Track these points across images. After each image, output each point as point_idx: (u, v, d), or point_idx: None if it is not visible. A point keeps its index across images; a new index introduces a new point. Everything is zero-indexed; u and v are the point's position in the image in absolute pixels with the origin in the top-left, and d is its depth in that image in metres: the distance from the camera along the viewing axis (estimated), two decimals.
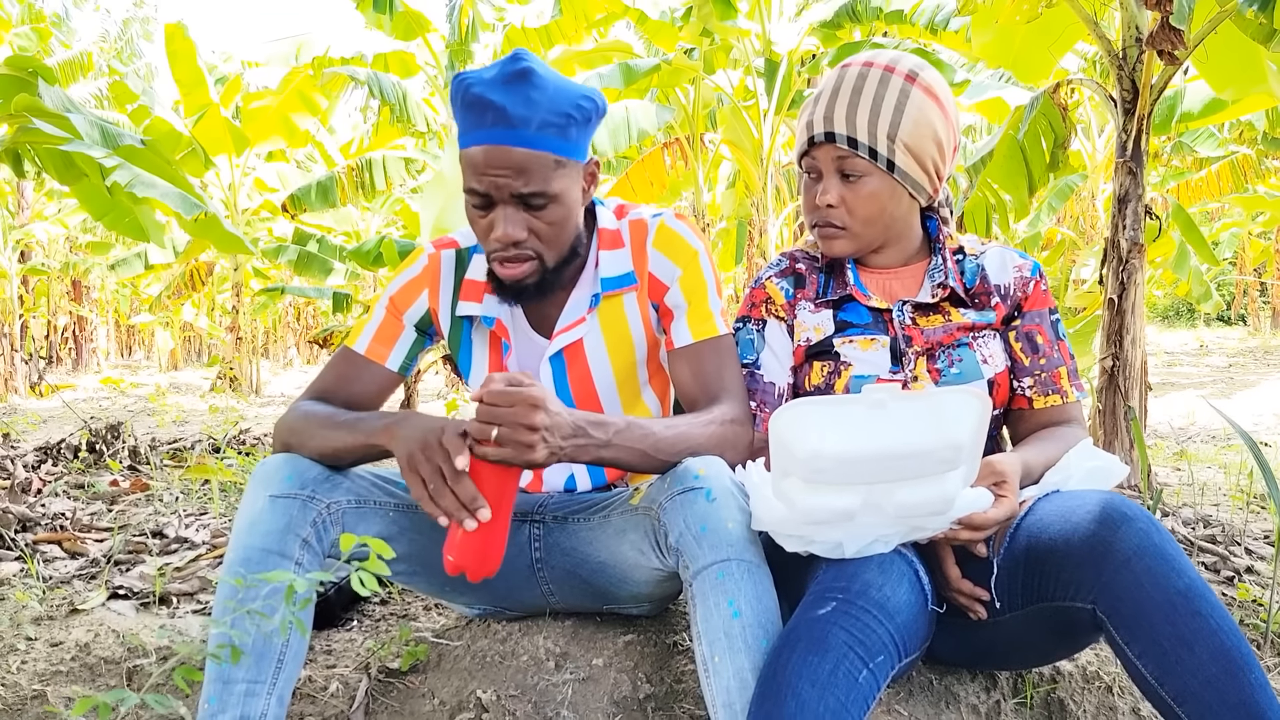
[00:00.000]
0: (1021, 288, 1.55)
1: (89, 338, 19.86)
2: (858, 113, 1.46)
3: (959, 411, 1.15)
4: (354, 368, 1.57)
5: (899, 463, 1.14)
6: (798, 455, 1.14)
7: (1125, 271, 2.76)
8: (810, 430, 1.14)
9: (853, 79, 1.48)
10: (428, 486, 1.23)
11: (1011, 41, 3.63)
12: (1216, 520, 2.39)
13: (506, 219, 1.40)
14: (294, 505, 1.37)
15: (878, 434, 1.13)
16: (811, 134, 1.50)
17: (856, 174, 1.48)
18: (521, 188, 1.37)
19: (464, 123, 1.39)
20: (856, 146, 1.46)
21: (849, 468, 1.14)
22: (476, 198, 1.40)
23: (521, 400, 1.23)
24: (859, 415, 1.15)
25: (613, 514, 1.50)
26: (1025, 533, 1.31)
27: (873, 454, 1.13)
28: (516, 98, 1.36)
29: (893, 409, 1.14)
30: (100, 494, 2.86)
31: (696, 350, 1.53)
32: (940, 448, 1.13)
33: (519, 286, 1.47)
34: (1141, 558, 1.17)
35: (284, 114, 10.19)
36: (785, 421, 1.16)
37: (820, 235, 1.54)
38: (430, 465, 1.23)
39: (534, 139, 1.37)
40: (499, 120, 1.35)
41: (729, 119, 8.06)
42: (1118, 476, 1.38)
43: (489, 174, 1.37)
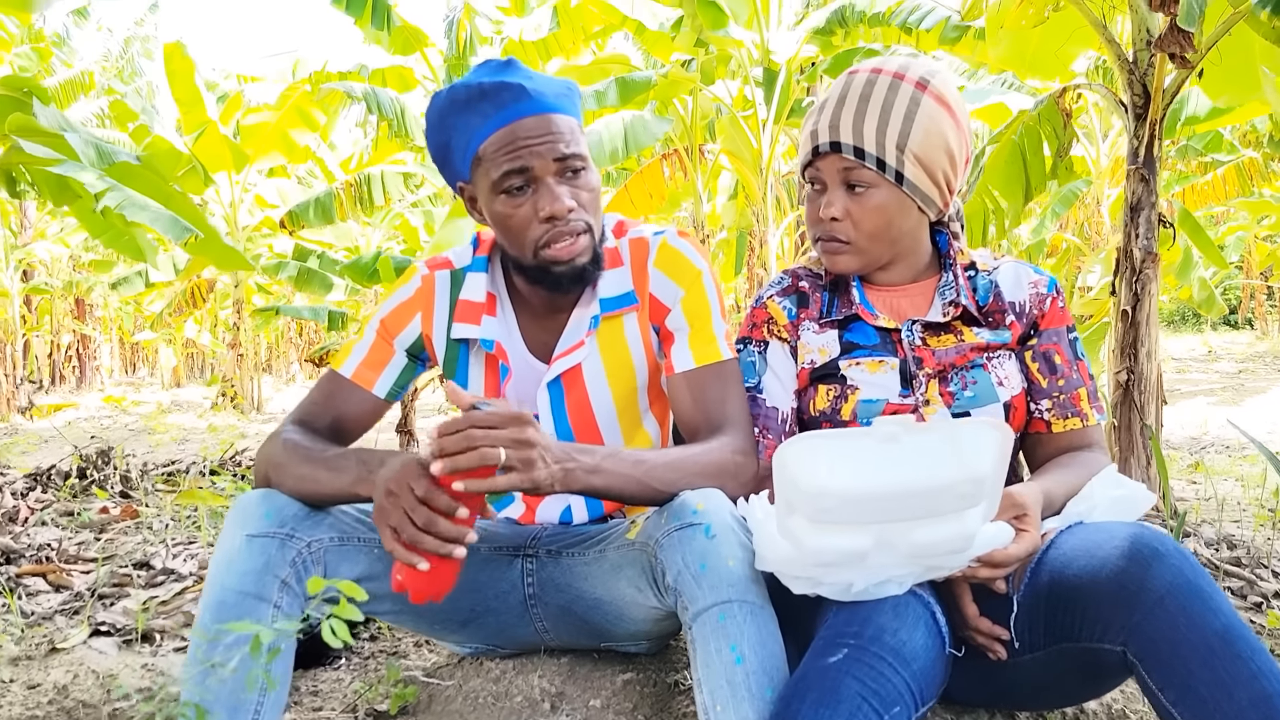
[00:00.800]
0: (1038, 305, 1.47)
1: (93, 355, 19.83)
2: (865, 121, 1.38)
3: (978, 444, 1.07)
4: (340, 391, 1.50)
5: (914, 500, 1.06)
6: (804, 492, 1.06)
7: (1139, 282, 2.68)
8: (817, 466, 1.06)
9: (860, 86, 1.40)
10: (400, 536, 1.15)
11: (1025, 46, 3.56)
12: (1240, 540, 2.30)
13: (552, 191, 1.36)
14: (272, 545, 1.29)
15: (890, 470, 1.05)
16: (816, 144, 1.42)
17: (863, 185, 1.40)
18: (565, 149, 1.35)
19: (477, 115, 1.35)
20: (863, 157, 1.39)
21: (859, 506, 1.06)
22: (517, 178, 1.35)
23: (514, 418, 1.15)
24: (870, 450, 1.07)
25: (609, 548, 1.43)
26: (1048, 569, 1.22)
27: (885, 492, 1.05)
28: (523, 76, 1.36)
29: (906, 443, 1.07)
30: (89, 522, 2.78)
31: (698, 376, 1.45)
32: (958, 483, 1.05)
33: (577, 267, 1.40)
34: (1176, 596, 1.09)
35: (283, 130, 10.16)
36: (791, 456, 1.08)
37: (824, 250, 1.46)
38: (398, 511, 1.16)
39: (556, 105, 1.37)
40: (520, 96, 1.34)
41: (728, 129, 8.00)
42: (1144, 506, 1.30)
43: (530, 145, 1.34)
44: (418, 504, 1.15)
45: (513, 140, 1.34)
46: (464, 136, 1.37)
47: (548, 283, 1.42)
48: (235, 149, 10.30)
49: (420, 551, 1.15)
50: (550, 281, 1.42)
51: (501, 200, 1.37)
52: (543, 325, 1.53)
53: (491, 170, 1.36)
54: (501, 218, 1.38)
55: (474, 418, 1.14)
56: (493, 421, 1.14)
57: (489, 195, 1.38)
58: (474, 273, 1.53)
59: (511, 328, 1.54)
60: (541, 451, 1.17)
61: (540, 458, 1.17)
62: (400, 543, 1.15)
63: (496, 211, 1.39)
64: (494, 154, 1.35)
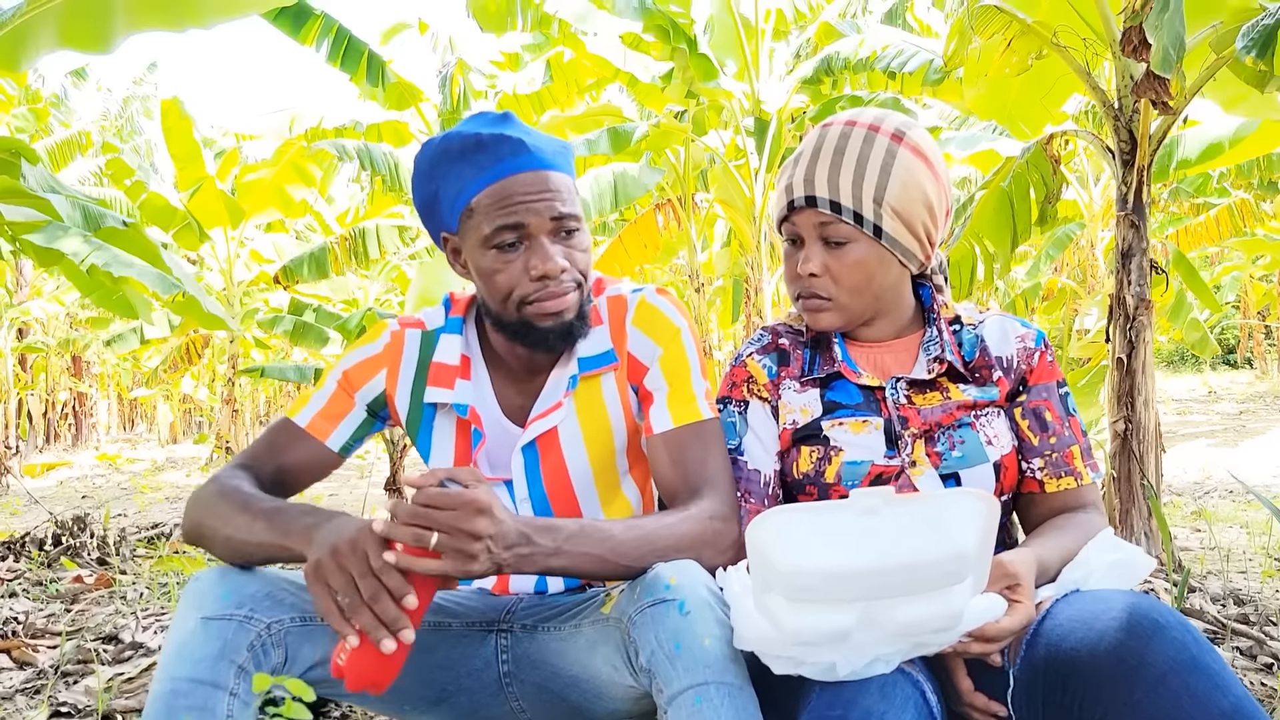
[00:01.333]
0: (1026, 360, 1.42)
1: (89, 413, 19.77)
2: (840, 175, 1.34)
3: (963, 516, 1.01)
4: (291, 441, 1.43)
5: (896, 577, 1.00)
6: (779, 571, 1.00)
7: (1133, 329, 2.63)
8: (791, 542, 1.00)
9: (834, 139, 1.37)
10: (339, 602, 1.09)
11: (1006, 94, 3.56)
12: (1247, 595, 2.23)
13: (546, 250, 1.31)
14: (229, 627, 1.22)
15: (871, 545, 0.99)
16: (791, 198, 1.38)
17: (841, 240, 1.36)
18: (561, 208, 1.32)
19: (472, 167, 1.31)
20: (840, 211, 1.34)
21: (838, 584, 1.00)
22: (510, 234, 1.31)
23: (466, 504, 1.09)
24: (848, 523, 1.01)
25: (584, 623, 1.35)
26: (1044, 641, 1.15)
27: (865, 569, 0.99)
28: (521, 131, 1.33)
29: (886, 515, 1.01)
30: (61, 593, 2.70)
31: (677, 436, 1.39)
32: (942, 560, 0.99)
33: (565, 323, 1.35)
34: (1179, 673, 1.02)
35: (279, 185, 10.22)
36: (764, 533, 1.02)
37: (804, 307, 1.41)
38: (342, 575, 1.09)
39: (553, 163, 1.34)
40: (519, 149, 1.31)
41: (720, 178, 8.03)
42: (1143, 571, 1.23)
43: (527, 201, 1.30)
44: (368, 573, 1.09)
45: (509, 195, 1.30)
46: (455, 186, 1.33)
47: (531, 339, 1.37)
48: (231, 204, 10.35)
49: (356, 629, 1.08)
50: (535, 338, 1.37)
51: (492, 255, 1.33)
52: (519, 388, 1.48)
53: (484, 224, 1.31)
54: (489, 272, 1.34)
55: (428, 495, 1.09)
56: (441, 502, 1.08)
57: (478, 249, 1.34)
58: (448, 334, 1.48)
59: (485, 392, 1.49)
60: (488, 542, 1.11)
61: (485, 549, 1.10)
62: (336, 609, 1.08)
63: (484, 266, 1.34)
64: (487, 207, 1.31)
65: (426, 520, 1.08)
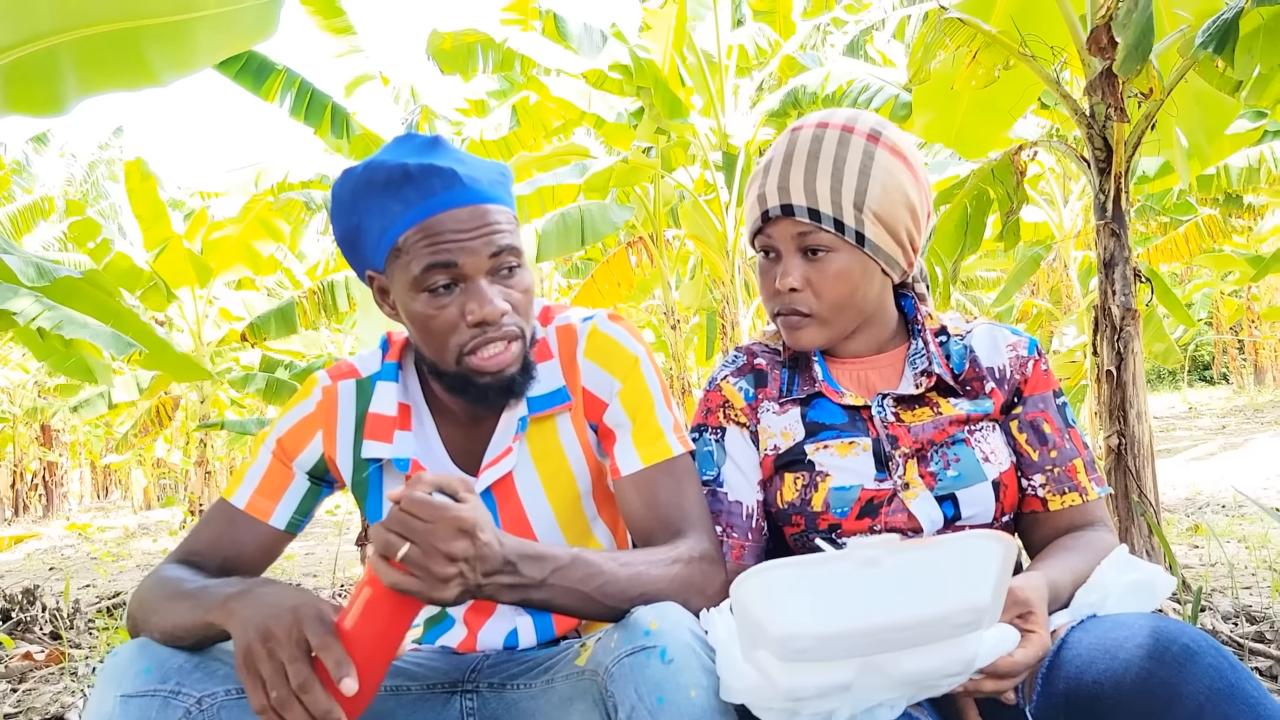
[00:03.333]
0: (1019, 369, 1.32)
1: (59, 482, 19.38)
2: (817, 180, 1.24)
3: (977, 562, 0.89)
4: (231, 526, 1.30)
5: (902, 633, 0.88)
6: (770, 635, 0.88)
7: (1121, 340, 2.55)
8: (783, 603, 0.88)
9: (807, 142, 1.26)
10: (269, 695, 0.96)
11: (954, 118, 3.50)
12: (1260, 612, 2.12)
13: (483, 293, 1.18)
14: (152, 705, 1.08)
15: (873, 601, 0.87)
16: (765, 208, 1.27)
17: (822, 250, 1.25)
18: (500, 241, 1.18)
19: (398, 202, 1.18)
20: (819, 219, 1.24)
21: (836, 644, 0.88)
22: (442, 275, 1.17)
23: (447, 520, 0.97)
24: (846, 578, 0.89)
25: (557, 678, 1.23)
26: (1063, 674, 1.04)
27: (867, 628, 0.87)
28: (452, 159, 1.20)
29: (889, 566, 0.88)
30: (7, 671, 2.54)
31: (648, 477, 1.27)
32: (956, 612, 0.87)
33: (506, 379, 1.22)
34: (1217, 704, 0.91)
35: (246, 241, 10.11)
36: (750, 591, 0.90)
37: (784, 325, 1.30)
38: (273, 663, 0.97)
39: (490, 194, 1.20)
40: (452, 183, 1.17)
41: (691, 214, 7.99)
42: (1164, 592, 1.13)
43: (461, 239, 1.16)
44: (298, 658, 0.96)
45: (440, 233, 1.17)
46: (380, 222, 1.20)
47: (471, 394, 1.24)
48: (199, 263, 10.22)
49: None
50: (474, 393, 1.24)
51: (423, 299, 1.19)
52: (467, 434, 1.35)
53: (413, 265, 1.18)
54: (422, 319, 1.20)
55: (411, 500, 0.97)
56: (422, 512, 0.97)
57: (407, 292, 1.20)
58: (384, 381, 1.34)
59: (431, 440, 1.36)
60: (464, 566, 0.99)
61: (459, 574, 0.98)
62: (269, 705, 0.96)
63: (415, 311, 1.21)
64: (416, 246, 1.17)
65: (401, 527, 0.96)
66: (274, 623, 0.98)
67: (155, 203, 9.86)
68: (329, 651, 0.97)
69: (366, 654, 1.00)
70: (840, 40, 9.40)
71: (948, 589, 0.87)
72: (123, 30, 2.82)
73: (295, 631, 0.98)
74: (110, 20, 2.79)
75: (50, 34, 2.77)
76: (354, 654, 0.99)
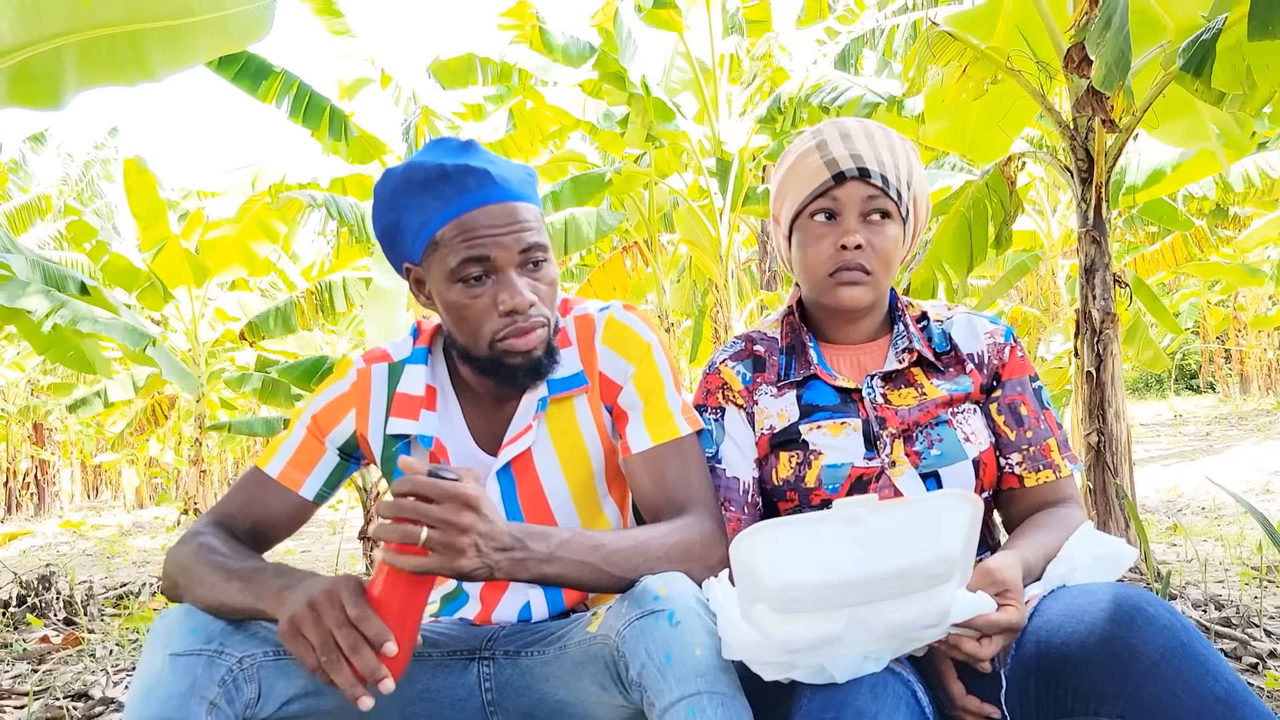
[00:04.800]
0: (997, 355, 1.42)
1: (51, 481, 19.37)
2: (883, 152, 1.35)
3: (947, 519, 1.00)
4: (263, 492, 1.40)
5: (885, 584, 0.99)
6: (768, 587, 0.99)
7: (1100, 343, 2.66)
8: (779, 558, 0.99)
9: (856, 125, 1.38)
10: (320, 658, 1.06)
11: (966, 124, 3.62)
12: (1228, 600, 2.23)
13: (514, 285, 1.29)
14: (198, 663, 1.18)
15: (857, 554, 0.98)
16: (840, 169, 1.34)
17: (883, 215, 1.36)
18: (529, 238, 1.29)
19: (436, 199, 1.29)
20: (887, 185, 1.35)
21: (827, 595, 0.99)
22: (476, 267, 1.28)
23: (452, 497, 1.07)
24: (834, 534, 1.00)
25: (570, 644, 1.33)
26: (1033, 638, 1.15)
27: (853, 578, 0.98)
28: (485, 160, 1.31)
29: (872, 523, 0.99)
30: (27, 653, 2.62)
31: (657, 455, 1.38)
32: (931, 563, 0.98)
33: (534, 360, 1.33)
34: (1171, 661, 1.02)
35: (243, 242, 10.16)
36: (749, 549, 1.01)
37: (842, 281, 1.36)
38: (320, 631, 1.07)
39: (520, 193, 1.31)
40: (485, 182, 1.28)
41: (686, 219, 8.10)
42: (1126, 562, 1.23)
43: (494, 234, 1.27)
44: (344, 624, 1.06)
45: (475, 228, 1.28)
46: (419, 218, 1.31)
47: (501, 375, 1.35)
48: (196, 263, 10.26)
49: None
50: (504, 374, 1.35)
51: (458, 289, 1.30)
52: (490, 416, 1.45)
53: (449, 257, 1.29)
54: (457, 307, 1.32)
55: (415, 483, 1.07)
56: (431, 493, 1.07)
57: (443, 282, 1.32)
58: (413, 365, 1.45)
59: (455, 421, 1.46)
60: (477, 539, 1.09)
61: (473, 545, 1.09)
62: (318, 664, 1.06)
63: (451, 300, 1.32)
64: (453, 240, 1.28)
65: (413, 513, 1.06)
66: (318, 596, 1.09)
67: (154, 201, 9.90)
68: (368, 622, 1.07)
69: (394, 624, 1.10)
70: (832, 50, 9.54)
71: (922, 542, 0.98)
72: (126, 32, 2.90)
73: (337, 601, 1.08)
74: (116, 23, 2.86)
75: (59, 36, 2.83)
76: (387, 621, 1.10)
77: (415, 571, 1.09)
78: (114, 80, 2.97)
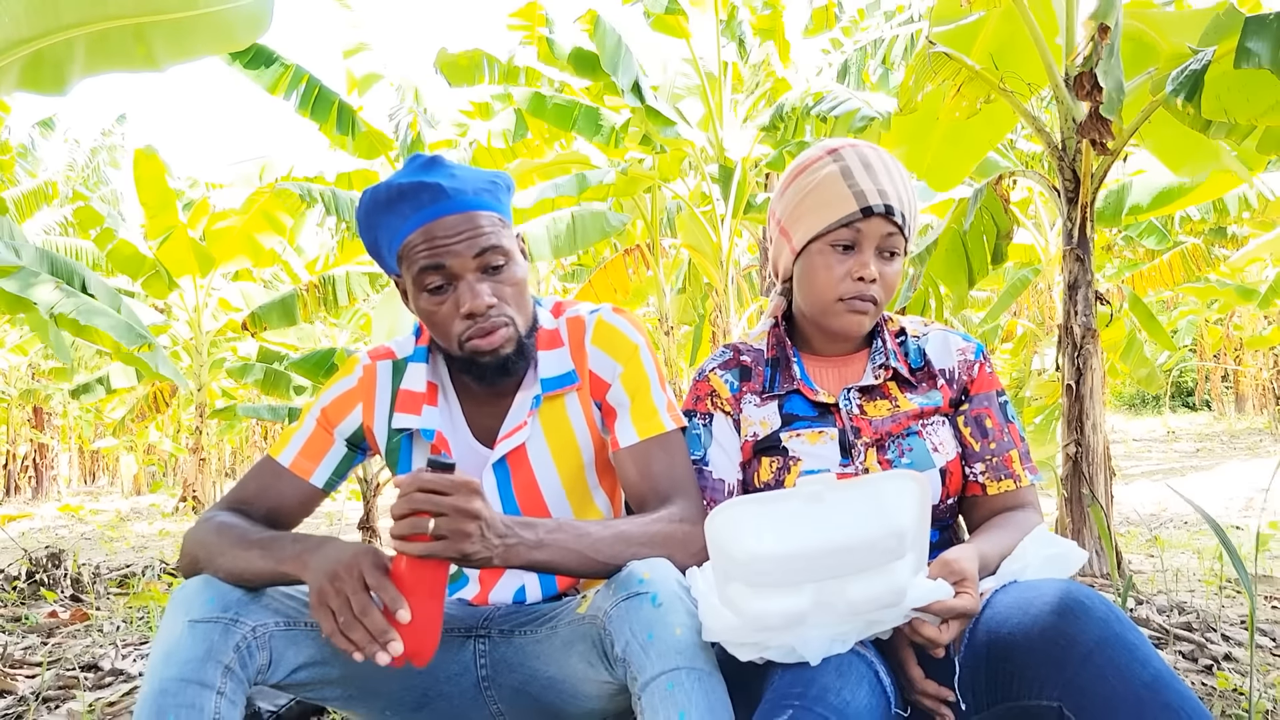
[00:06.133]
0: (966, 371, 1.52)
1: (50, 465, 19.44)
2: (901, 189, 1.44)
3: (898, 496, 1.11)
4: (276, 480, 1.50)
5: (842, 556, 1.09)
6: (736, 559, 1.09)
7: (1080, 357, 2.76)
8: (746, 532, 1.09)
9: (872, 156, 1.45)
10: (338, 620, 1.16)
11: (926, 151, 3.69)
12: (1191, 607, 2.33)
13: (472, 289, 1.39)
14: (215, 630, 1.28)
15: (817, 529, 1.09)
16: (868, 204, 1.42)
17: (893, 251, 1.46)
18: (483, 243, 1.38)
19: (397, 216, 1.39)
20: (904, 223, 1.45)
21: (791, 566, 1.09)
22: (435, 277, 1.38)
23: (460, 486, 1.17)
24: (796, 510, 1.10)
25: (560, 625, 1.43)
26: (984, 627, 1.25)
27: (814, 550, 1.09)
28: (443, 175, 1.40)
29: (831, 500, 1.10)
30: (37, 626, 2.72)
31: (643, 449, 1.47)
32: (883, 537, 1.09)
33: (501, 358, 1.42)
34: (1104, 649, 1.11)
35: (249, 233, 10.24)
36: (720, 524, 1.11)
37: (851, 310, 1.45)
38: (339, 597, 1.17)
39: (476, 202, 1.40)
40: (438, 196, 1.37)
41: (688, 224, 8.20)
42: (1076, 563, 1.33)
43: (447, 243, 1.37)
44: (359, 590, 1.16)
45: (430, 239, 1.37)
46: (388, 235, 1.42)
47: (474, 373, 1.46)
48: (201, 252, 10.35)
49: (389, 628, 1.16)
50: (476, 372, 1.45)
51: (425, 297, 1.41)
52: (486, 411, 1.55)
53: (413, 268, 1.39)
54: (426, 313, 1.43)
55: (421, 479, 1.16)
56: (438, 486, 1.16)
57: (414, 291, 1.42)
58: (415, 363, 1.55)
59: (455, 416, 1.56)
60: (482, 525, 1.19)
61: (479, 531, 1.18)
62: (338, 630, 1.15)
63: (421, 307, 1.43)
64: (414, 252, 1.39)
65: (427, 505, 1.15)
66: (340, 567, 1.19)
67: (163, 190, 9.99)
68: (384, 590, 1.17)
69: (417, 604, 1.20)
70: (837, 59, 9.64)
71: (876, 517, 1.09)
72: (134, 24, 2.98)
73: (356, 571, 1.18)
74: (126, 15, 2.94)
75: (73, 27, 2.91)
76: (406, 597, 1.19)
77: (423, 556, 1.19)
78: (118, 68, 3.04)
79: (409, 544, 1.18)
